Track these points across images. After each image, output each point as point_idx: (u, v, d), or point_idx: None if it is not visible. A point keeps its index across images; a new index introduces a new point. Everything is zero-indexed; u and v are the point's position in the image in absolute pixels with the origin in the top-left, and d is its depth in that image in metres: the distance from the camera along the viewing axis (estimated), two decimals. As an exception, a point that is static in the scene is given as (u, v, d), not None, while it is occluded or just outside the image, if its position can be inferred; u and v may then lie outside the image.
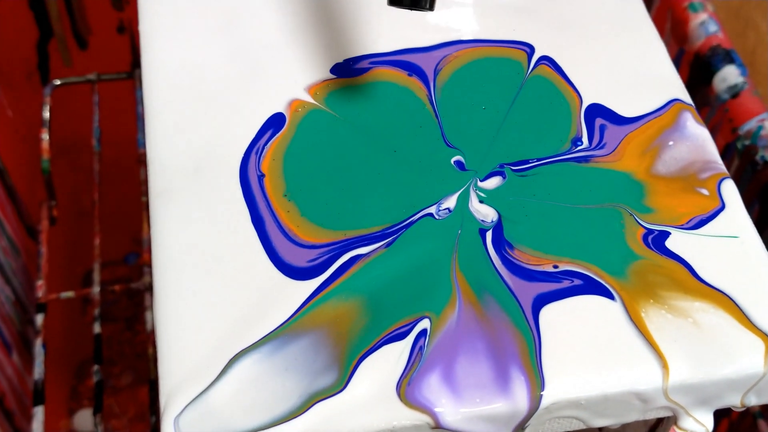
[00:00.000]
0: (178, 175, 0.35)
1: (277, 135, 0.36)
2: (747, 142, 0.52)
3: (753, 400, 0.32)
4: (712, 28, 0.55)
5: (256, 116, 0.37)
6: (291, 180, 0.35)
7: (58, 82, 0.57)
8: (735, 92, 0.54)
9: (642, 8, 0.42)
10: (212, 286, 0.32)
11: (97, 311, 0.50)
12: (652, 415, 0.32)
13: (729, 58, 0.55)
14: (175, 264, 0.32)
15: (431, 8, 0.32)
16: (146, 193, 0.56)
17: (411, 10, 0.32)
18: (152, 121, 0.36)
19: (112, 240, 0.61)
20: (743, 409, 0.32)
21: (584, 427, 0.32)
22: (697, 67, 0.55)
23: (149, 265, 0.56)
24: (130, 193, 0.60)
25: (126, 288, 0.53)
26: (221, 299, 0.32)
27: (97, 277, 0.51)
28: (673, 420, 0.32)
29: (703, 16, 0.56)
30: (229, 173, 0.35)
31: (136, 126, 0.58)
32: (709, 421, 0.32)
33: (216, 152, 0.36)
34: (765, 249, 0.34)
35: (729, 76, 0.55)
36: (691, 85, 0.56)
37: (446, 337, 0.31)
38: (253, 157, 0.35)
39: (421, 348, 0.31)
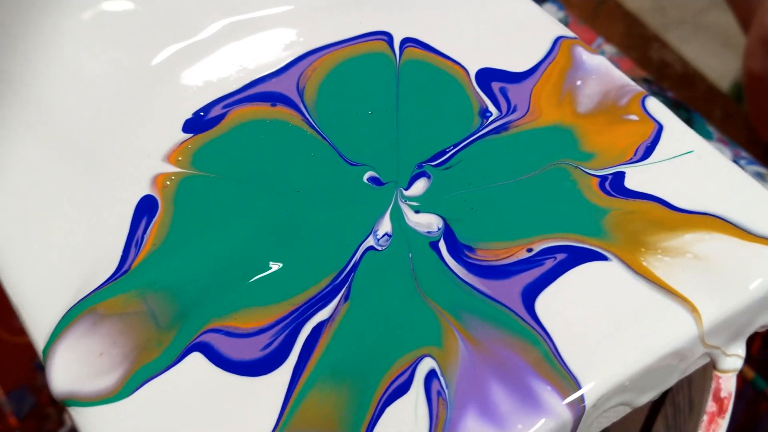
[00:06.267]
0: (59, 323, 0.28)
1: (154, 220, 0.30)
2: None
3: (783, 312, 0.29)
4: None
5: (120, 210, 0.30)
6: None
7: None
8: (562, 27, 0.52)
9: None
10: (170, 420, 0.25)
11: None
12: (690, 371, 0.28)
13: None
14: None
15: None
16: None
17: None
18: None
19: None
20: (773, 325, 0.29)
21: (629, 412, 0.28)
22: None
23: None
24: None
25: None
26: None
27: None
28: (709, 366, 0.29)
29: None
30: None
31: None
32: (743, 351, 0.29)
33: (89, 268, 0.29)
34: (721, 153, 0.31)
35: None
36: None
37: (465, 367, 0.26)
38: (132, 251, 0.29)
39: (440, 392, 0.25)
